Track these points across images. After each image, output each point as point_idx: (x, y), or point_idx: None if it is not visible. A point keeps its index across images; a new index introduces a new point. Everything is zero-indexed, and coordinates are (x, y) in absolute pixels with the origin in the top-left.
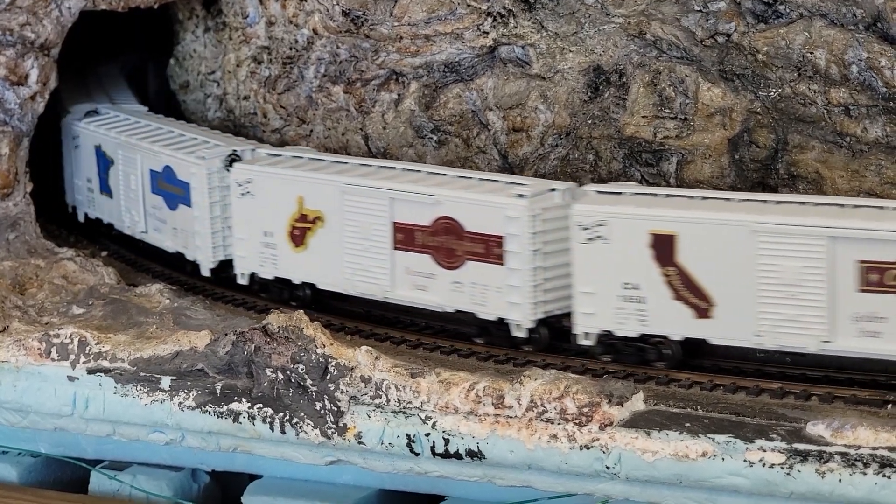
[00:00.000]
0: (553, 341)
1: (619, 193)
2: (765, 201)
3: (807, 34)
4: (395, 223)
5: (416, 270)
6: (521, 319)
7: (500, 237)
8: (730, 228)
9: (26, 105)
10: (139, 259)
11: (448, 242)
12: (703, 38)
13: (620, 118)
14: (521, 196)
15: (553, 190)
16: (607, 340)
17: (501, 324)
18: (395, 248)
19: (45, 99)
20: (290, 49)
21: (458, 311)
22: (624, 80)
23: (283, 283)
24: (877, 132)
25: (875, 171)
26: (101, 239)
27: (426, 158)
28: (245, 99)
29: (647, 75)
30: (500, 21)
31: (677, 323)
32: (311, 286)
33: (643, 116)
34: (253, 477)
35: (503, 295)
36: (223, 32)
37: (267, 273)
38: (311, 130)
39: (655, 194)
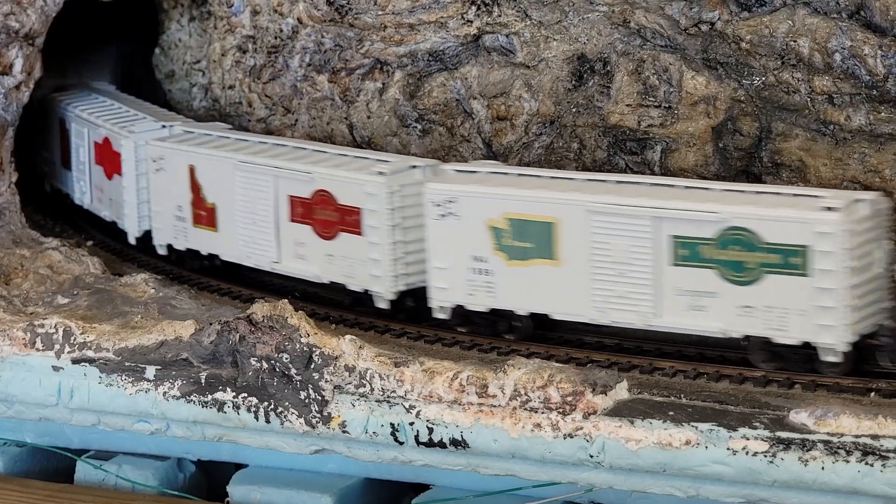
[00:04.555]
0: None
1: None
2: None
3: (790, 22)
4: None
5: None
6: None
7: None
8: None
9: (11, 95)
10: (125, 249)
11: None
12: (687, 27)
13: (605, 106)
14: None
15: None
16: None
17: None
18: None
19: (29, 88)
20: (275, 38)
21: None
22: (608, 68)
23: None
24: (860, 120)
25: (858, 159)
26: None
27: (410, 147)
28: (230, 88)
29: (631, 64)
30: (484, 9)
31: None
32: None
33: (627, 105)
34: (238, 466)
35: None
36: (208, 22)
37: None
38: (297, 120)
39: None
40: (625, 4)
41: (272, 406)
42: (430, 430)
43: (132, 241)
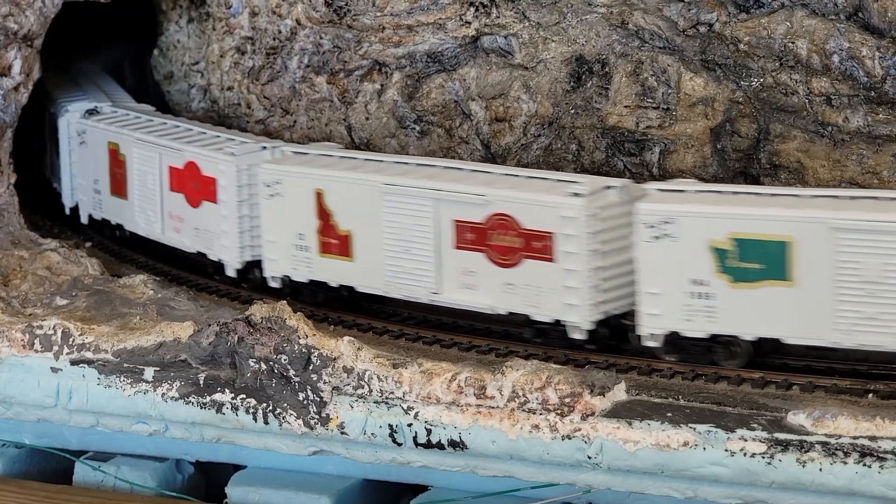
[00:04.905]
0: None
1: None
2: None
3: (788, 24)
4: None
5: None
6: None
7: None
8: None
9: (10, 96)
10: (123, 250)
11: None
12: (686, 28)
13: (603, 108)
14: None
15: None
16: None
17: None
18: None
19: (28, 90)
20: (274, 39)
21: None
22: (606, 69)
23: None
24: (858, 122)
25: (856, 160)
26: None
27: (409, 149)
28: (229, 89)
29: (629, 65)
30: (483, 11)
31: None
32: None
33: (626, 106)
34: (237, 467)
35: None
36: (207, 23)
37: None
38: (295, 121)
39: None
40: (623, 6)
41: (270, 407)
42: (429, 432)
43: (231, 273)
